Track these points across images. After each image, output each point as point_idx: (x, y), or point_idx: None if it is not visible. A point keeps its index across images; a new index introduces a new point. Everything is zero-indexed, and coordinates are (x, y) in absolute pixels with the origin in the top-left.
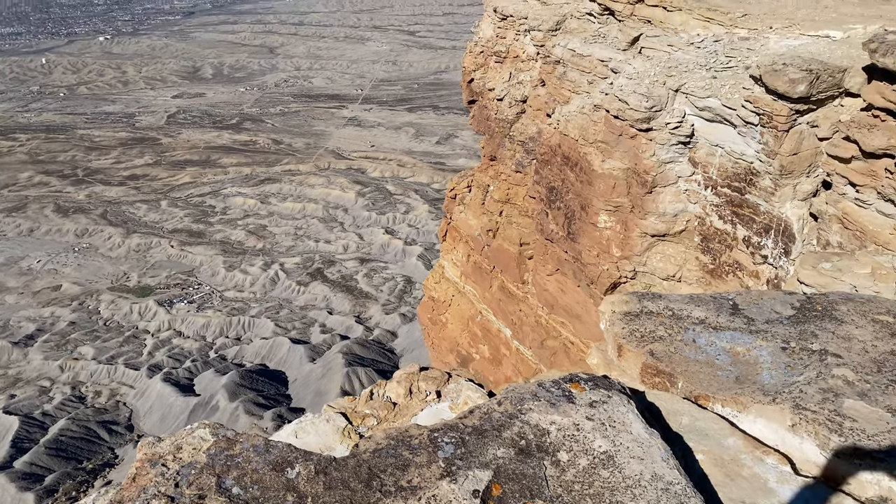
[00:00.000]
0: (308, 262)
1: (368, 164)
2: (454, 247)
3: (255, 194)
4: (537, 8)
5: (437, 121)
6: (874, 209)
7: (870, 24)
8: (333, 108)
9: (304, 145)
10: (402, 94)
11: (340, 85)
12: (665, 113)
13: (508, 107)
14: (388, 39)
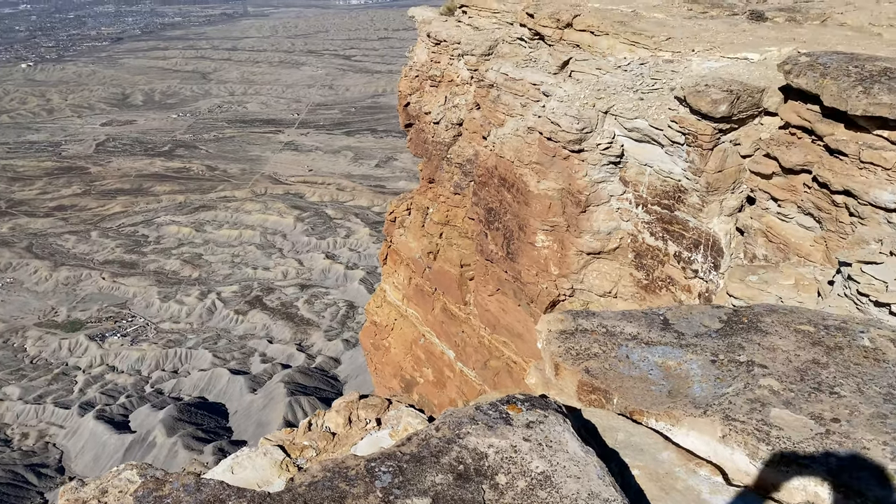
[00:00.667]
0: (246, 290)
1: (307, 188)
2: (395, 270)
3: (189, 222)
4: (470, 33)
5: (376, 144)
6: (795, 222)
7: (784, 47)
8: (269, 133)
9: (240, 171)
10: (340, 117)
11: (276, 110)
12: (596, 134)
13: (445, 130)
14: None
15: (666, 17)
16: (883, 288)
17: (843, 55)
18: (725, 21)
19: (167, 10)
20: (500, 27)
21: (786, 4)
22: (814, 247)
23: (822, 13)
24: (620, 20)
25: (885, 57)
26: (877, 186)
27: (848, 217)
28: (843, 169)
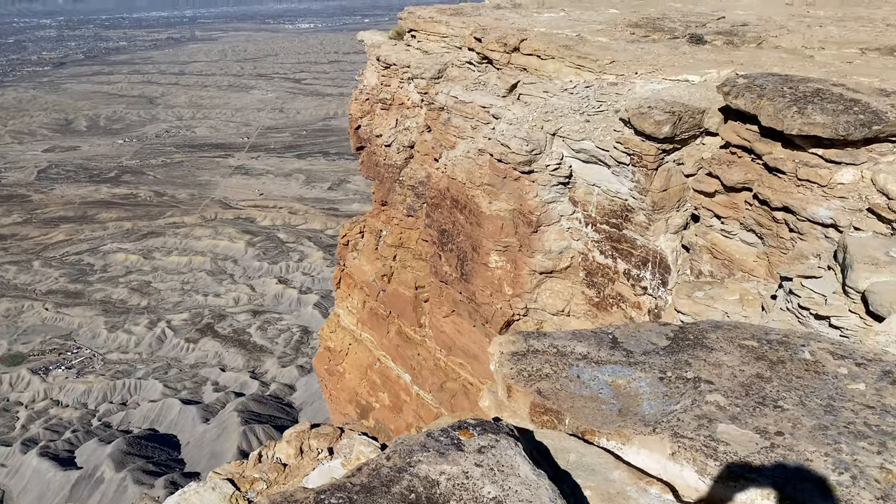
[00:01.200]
0: (197, 318)
1: (258, 212)
2: (349, 294)
3: (137, 249)
4: (419, 57)
5: (328, 167)
6: (738, 239)
7: (723, 69)
8: (219, 157)
9: (189, 196)
10: (291, 140)
11: (225, 134)
12: (545, 155)
13: (397, 152)
14: (273, 87)
15: (609, 41)
16: (822, 301)
17: (779, 77)
18: (667, 44)
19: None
20: (448, 51)
21: (723, 28)
22: (757, 262)
23: (757, 36)
24: (566, 44)
25: (817, 78)
26: (814, 203)
27: (788, 233)
28: (781, 186)
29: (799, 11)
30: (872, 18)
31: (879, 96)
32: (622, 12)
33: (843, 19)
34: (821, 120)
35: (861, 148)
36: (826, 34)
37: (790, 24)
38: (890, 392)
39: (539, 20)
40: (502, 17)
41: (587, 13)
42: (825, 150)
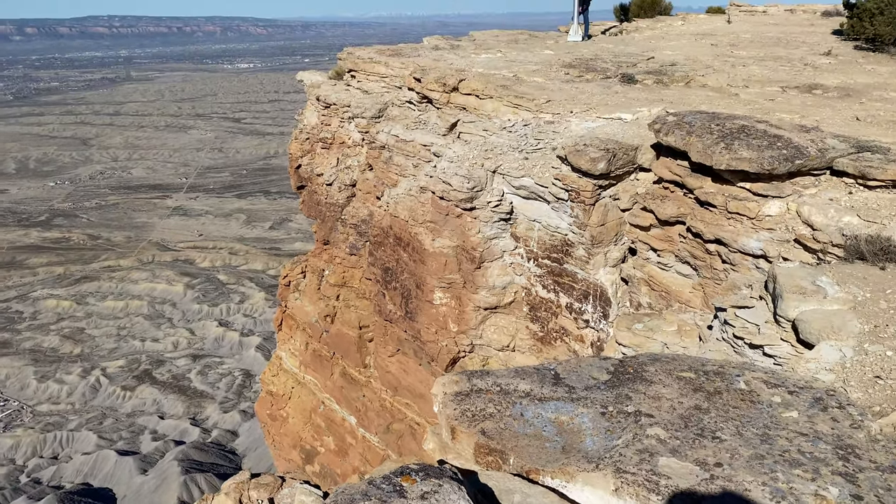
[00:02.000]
0: (134, 364)
1: (197, 254)
2: (291, 336)
3: (69, 295)
4: (359, 96)
5: (270, 206)
6: (674, 271)
7: (653, 107)
8: (156, 198)
9: (125, 239)
10: (231, 180)
11: (163, 174)
12: (486, 192)
13: (338, 191)
14: (212, 127)
15: (545, 81)
16: (756, 331)
17: (706, 114)
18: (600, 84)
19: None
20: (389, 91)
21: (653, 68)
22: (693, 293)
23: (685, 76)
24: (503, 84)
25: (742, 115)
26: (744, 235)
27: (721, 264)
28: (713, 219)
29: (723, 52)
30: (791, 58)
31: (800, 132)
32: (557, 53)
33: (764, 59)
34: (747, 155)
35: (786, 181)
36: (749, 73)
37: (716, 64)
38: (821, 419)
39: (477, 61)
40: (441, 57)
41: (523, 54)
42: (752, 184)
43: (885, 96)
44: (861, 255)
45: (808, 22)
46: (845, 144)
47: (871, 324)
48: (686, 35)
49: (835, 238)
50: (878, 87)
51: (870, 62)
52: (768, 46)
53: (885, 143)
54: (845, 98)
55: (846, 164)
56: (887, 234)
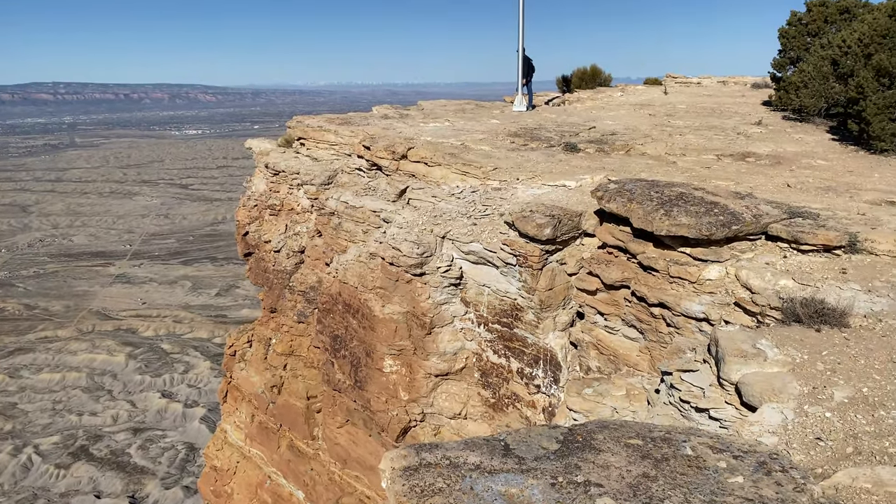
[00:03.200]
0: (69, 440)
1: (140, 322)
2: (236, 408)
3: (2, 368)
4: (308, 164)
5: (216, 272)
6: (621, 335)
7: (596, 175)
8: (98, 266)
9: (64, 308)
10: (177, 247)
11: (106, 241)
12: (435, 258)
13: (286, 258)
14: (158, 193)
15: (492, 150)
16: (701, 394)
17: (646, 182)
18: (544, 152)
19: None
20: (338, 158)
21: (595, 137)
22: (640, 357)
23: (625, 144)
24: (451, 152)
25: (680, 182)
26: (686, 298)
27: (666, 327)
28: (656, 283)
29: (661, 121)
30: (724, 128)
31: (736, 199)
32: (503, 122)
33: (700, 128)
34: (686, 221)
35: (724, 246)
36: (686, 142)
37: (654, 133)
38: (765, 483)
39: (425, 129)
40: (390, 126)
41: (470, 123)
42: (692, 249)
43: (813, 164)
44: (797, 317)
45: (739, 93)
46: (778, 210)
47: (810, 385)
48: (625, 105)
49: (772, 301)
50: (806, 155)
51: (797, 131)
52: (703, 116)
53: (815, 209)
54: (776, 166)
55: (780, 230)
56: (821, 296)
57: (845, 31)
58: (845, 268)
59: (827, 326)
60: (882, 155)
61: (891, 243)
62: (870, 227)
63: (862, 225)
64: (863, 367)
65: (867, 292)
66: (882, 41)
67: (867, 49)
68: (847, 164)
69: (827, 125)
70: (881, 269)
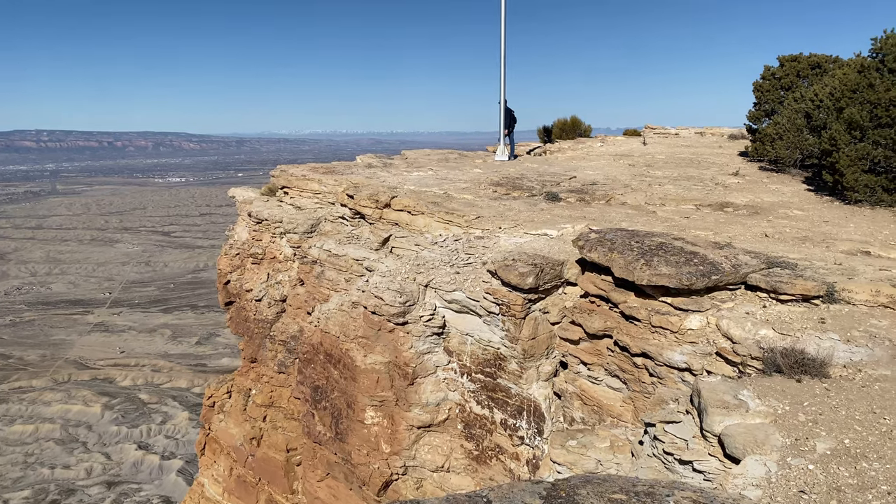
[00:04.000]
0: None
1: (117, 372)
2: (215, 460)
3: None
4: (292, 212)
5: (197, 320)
6: (605, 385)
7: (577, 224)
8: (76, 314)
9: (40, 357)
10: (157, 294)
11: (85, 289)
12: (418, 307)
13: (268, 307)
14: (140, 241)
15: (474, 199)
16: (684, 446)
17: (627, 231)
18: (526, 201)
19: None
20: (322, 207)
21: (575, 187)
22: (624, 407)
23: (606, 194)
24: (434, 201)
25: (660, 232)
26: (668, 348)
27: (649, 377)
28: (638, 333)
29: (640, 172)
30: (702, 178)
31: (715, 249)
32: (485, 172)
33: (679, 179)
34: (666, 271)
35: (704, 296)
36: (665, 192)
37: (634, 183)
38: None
39: (409, 178)
40: (373, 175)
41: (453, 172)
42: (673, 299)
43: (790, 214)
44: (778, 367)
45: (716, 144)
46: (757, 260)
47: (792, 437)
48: (605, 156)
49: (753, 351)
50: (782, 205)
51: (774, 182)
52: (682, 167)
53: (793, 259)
54: (754, 216)
55: (759, 280)
56: (801, 346)
57: (817, 85)
58: (824, 317)
59: (807, 377)
60: (856, 205)
61: (867, 293)
62: (846, 276)
63: (839, 275)
64: (844, 417)
65: (846, 342)
66: (852, 95)
67: (839, 103)
68: (823, 215)
69: (802, 176)
70: (859, 318)
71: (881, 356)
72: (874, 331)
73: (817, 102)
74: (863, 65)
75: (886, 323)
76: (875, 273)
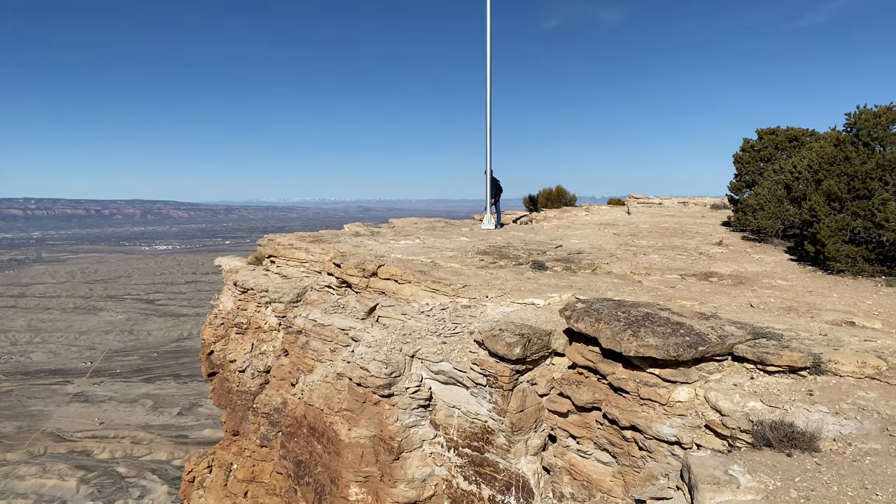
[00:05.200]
0: None
1: (95, 444)
2: None
3: None
4: (278, 281)
5: (179, 390)
6: (594, 459)
7: (564, 293)
8: (55, 384)
9: (16, 429)
10: (139, 364)
11: (65, 359)
12: (404, 378)
13: (251, 378)
14: (124, 309)
15: (461, 267)
16: None
17: (613, 302)
18: (513, 270)
19: None
20: (308, 275)
21: (562, 256)
22: (614, 482)
23: (592, 263)
24: (421, 269)
25: (646, 302)
26: (657, 421)
27: (638, 451)
28: (626, 405)
29: (625, 241)
30: (687, 247)
31: (701, 319)
32: (472, 240)
33: (663, 248)
34: (653, 342)
35: (692, 367)
36: (650, 261)
37: (619, 253)
38: None
39: (396, 247)
40: (361, 243)
41: (440, 241)
42: (661, 370)
43: (774, 284)
44: (768, 441)
45: (699, 213)
46: (743, 331)
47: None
48: (590, 224)
49: (742, 424)
50: (766, 275)
51: (757, 252)
52: (666, 236)
53: (778, 330)
54: (739, 286)
55: (745, 351)
56: (790, 419)
57: (795, 157)
58: (811, 389)
59: (798, 451)
60: (838, 275)
61: (854, 365)
62: (832, 347)
63: (824, 346)
64: (836, 494)
65: (835, 415)
66: (830, 168)
67: (817, 175)
68: (806, 284)
69: (785, 245)
70: (846, 390)
71: (870, 429)
72: (862, 403)
73: (796, 174)
74: (838, 138)
75: (874, 395)
76: (860, 344)
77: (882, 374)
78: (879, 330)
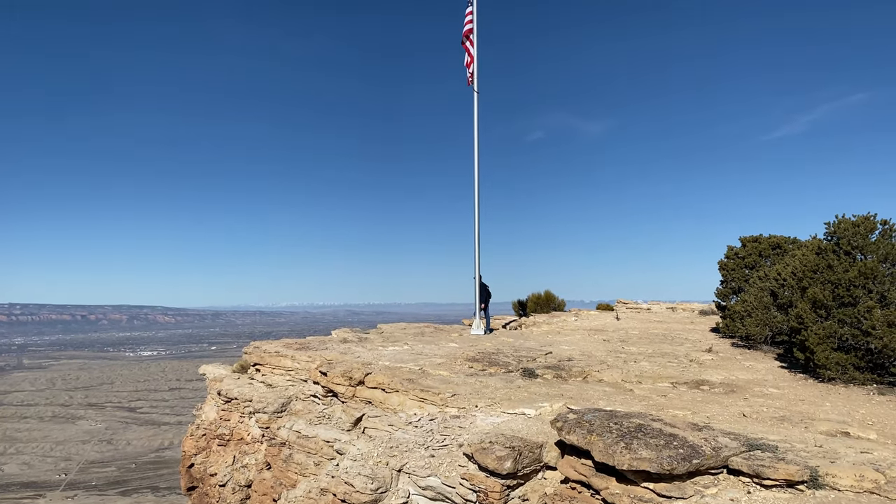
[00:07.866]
0: None
1: None
2: None
3: None
4: (262, 390)
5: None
6: None
7: (555, 403)
8: (27, 498)
9: None
10: (117, 475)
11: (39, 471)
12: (391, 494)
13: (232, 493)
14: (104, 417)
15: (450, 375)
16: None
17: (605, 412)
18: (503, 378)
19: None
20: (294, 384)
21: (552, 363)
22: None
23: (582, 371)
24: (409, 377)
25: (638, 413)
26: None
27: None
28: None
29: (615, 347)
30: (677, 354)
31: (693, 430)
32: (461, 346)
33: (653, 355)
34: (647, 455)
35: (687, 481)
36: (641, 369)
37: (609, 360)
38: None
39: (384, 353)
40: (348, 350)
41: (429, 347)
42: (655, 485)
43: (766, 392)
44: None
45: (687, 319)
46: (737, 443)
47: None
48: (580, 330)
49: None
50: (757, 383)
51: (747, 359)
52: (655, 343)
53: (773, 441)
54: (730, 394)
55: (740, 463)
56: None
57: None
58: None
59: None
60: (830, 383)
61: (852, 478)
62: (829, 460)
63: (821, 458)
64: None
65: None
66: (813, 276)
67: (801, 282)
68: (798, 393)
69: (774, 352)
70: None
71: None
72: None
73: (781, 281)
74: (820, 246)
75: None
76: (857, 456)
77: (881, 489)
78: (875, 441)
